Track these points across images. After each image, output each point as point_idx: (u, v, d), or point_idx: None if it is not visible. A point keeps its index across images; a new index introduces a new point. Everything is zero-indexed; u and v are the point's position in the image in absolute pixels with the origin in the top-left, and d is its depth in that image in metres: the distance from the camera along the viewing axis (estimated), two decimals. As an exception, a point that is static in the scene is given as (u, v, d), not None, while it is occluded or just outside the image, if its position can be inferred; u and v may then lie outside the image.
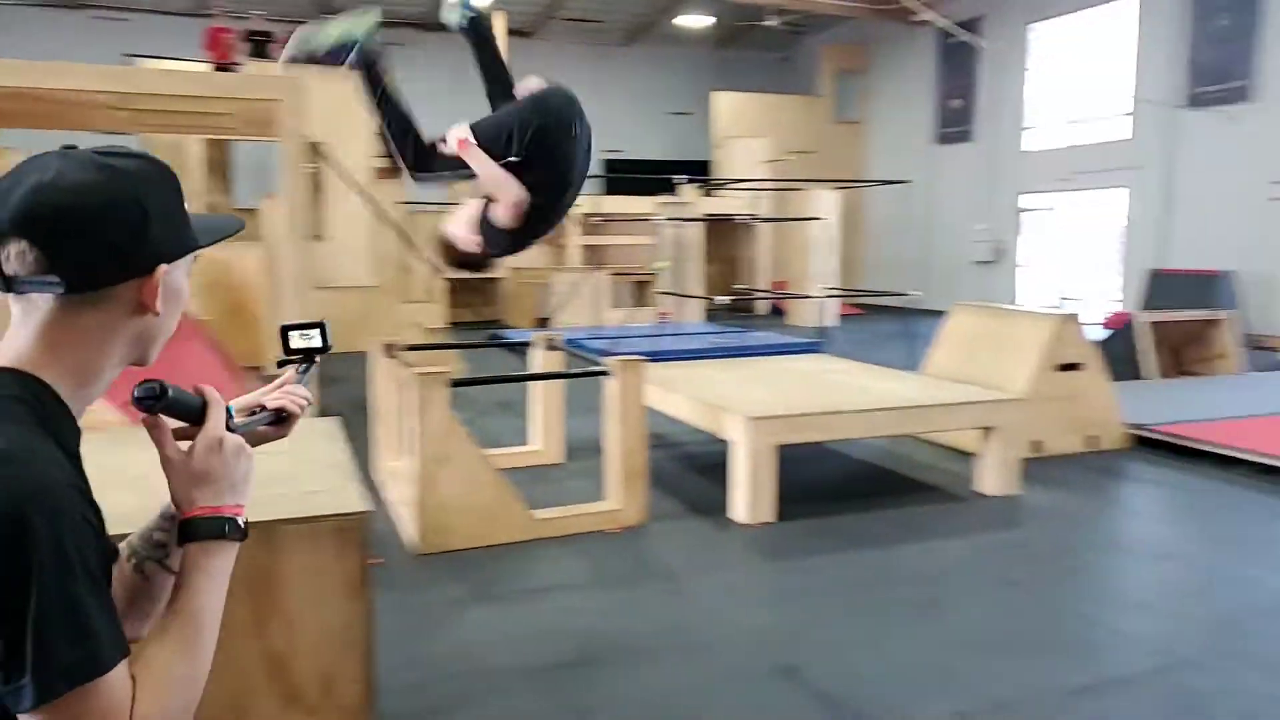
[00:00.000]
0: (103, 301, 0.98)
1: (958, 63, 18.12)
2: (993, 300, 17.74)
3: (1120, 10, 15.31)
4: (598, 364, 5.25)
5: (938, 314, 8.22)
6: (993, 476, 5.56)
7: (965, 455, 5.98)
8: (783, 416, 5.08)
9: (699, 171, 17.11)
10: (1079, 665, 3.46)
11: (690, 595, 4.15)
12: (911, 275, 19.71)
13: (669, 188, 13.88)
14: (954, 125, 18.74)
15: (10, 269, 0.94)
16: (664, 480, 5.68)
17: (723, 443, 5.25)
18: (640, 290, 15.34)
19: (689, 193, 14.76)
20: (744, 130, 18.61)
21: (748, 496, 4.96)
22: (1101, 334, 11.27)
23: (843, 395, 5.71)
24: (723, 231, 16.43)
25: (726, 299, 9.30)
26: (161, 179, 1.03)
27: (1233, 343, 9.81)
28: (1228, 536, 4.94)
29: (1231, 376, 9.43)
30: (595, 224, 15.21)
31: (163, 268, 1.01)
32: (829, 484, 5.88)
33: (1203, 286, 12.72)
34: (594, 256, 15.63)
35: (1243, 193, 13.40)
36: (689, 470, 6.17)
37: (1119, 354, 9.39)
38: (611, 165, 19.28)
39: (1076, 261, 17.55)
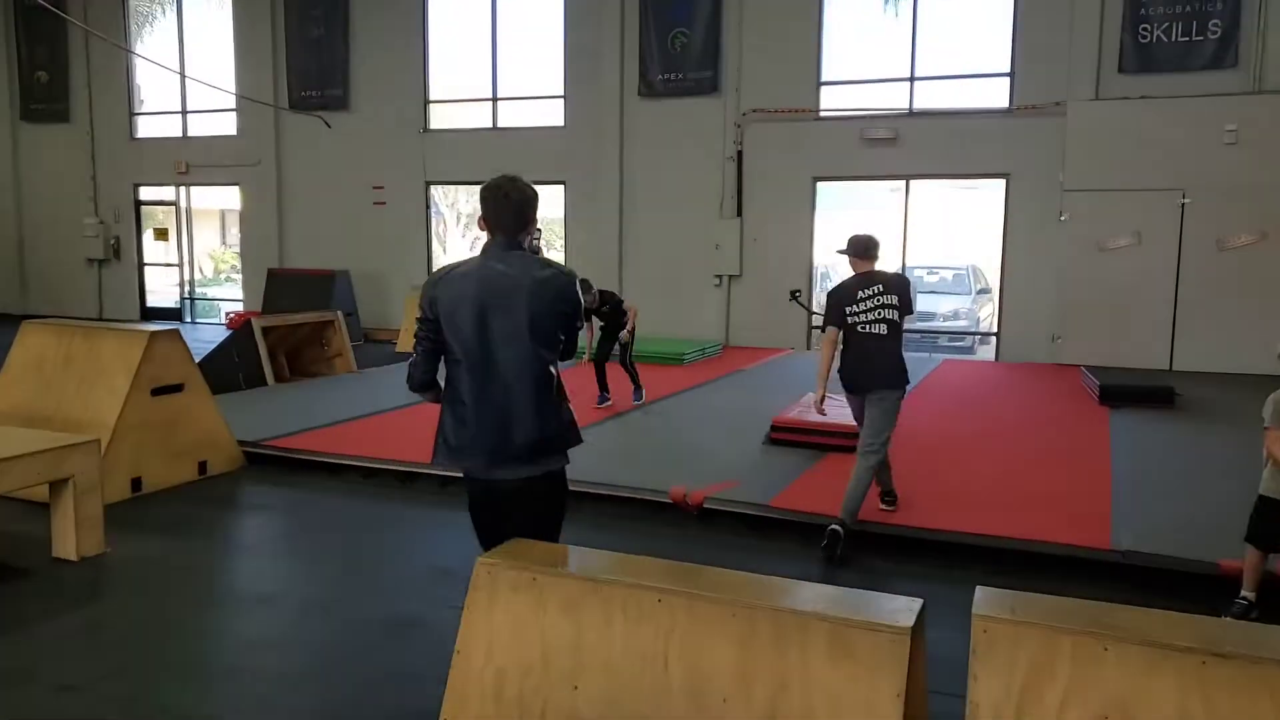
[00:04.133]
0: None
1: (44, 31, 15.73)
2: (117, 302, 16.07)
3: (218, 6, 15.03)
4: None
5: (45, 319, 6.73)
6: (71, 537, 4.54)
7: (44, 508, 4.77)
8: None
9: None
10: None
11: None
12: (6, 277, 16.80)
13: None
14: (44, 101, 16.27)
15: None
16: None
17: None
18: None
19: None
20: None
21: None
22: (225, 335, 10.85)
23: None
24: None
25: None
26: None
27: (346, 341, 10.22)
28: (331, 558, 4.79)
29: (347, 376, 9.82)
30: None
31: None
32: None
33: (319, 286, 13.22)
34: None
35: (349, 196, 14.36)
36: None
37: (245, 358, 9.02)
38: None
39: (202, 259, 16.91)
